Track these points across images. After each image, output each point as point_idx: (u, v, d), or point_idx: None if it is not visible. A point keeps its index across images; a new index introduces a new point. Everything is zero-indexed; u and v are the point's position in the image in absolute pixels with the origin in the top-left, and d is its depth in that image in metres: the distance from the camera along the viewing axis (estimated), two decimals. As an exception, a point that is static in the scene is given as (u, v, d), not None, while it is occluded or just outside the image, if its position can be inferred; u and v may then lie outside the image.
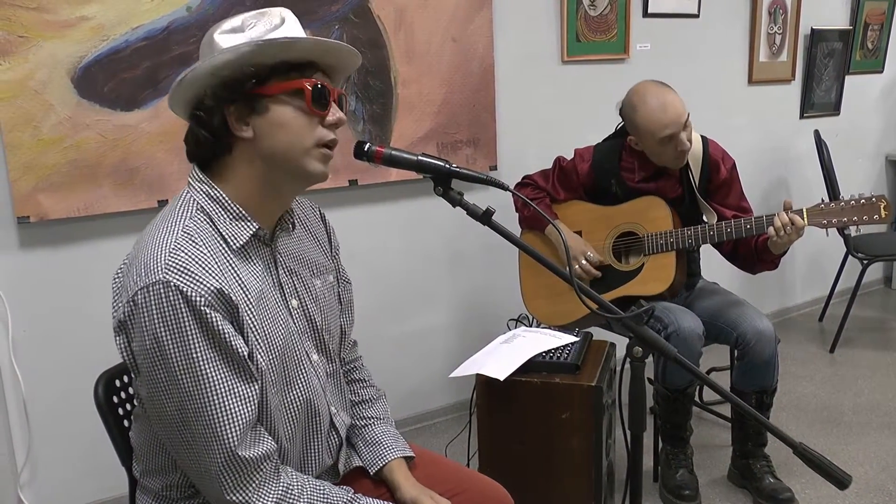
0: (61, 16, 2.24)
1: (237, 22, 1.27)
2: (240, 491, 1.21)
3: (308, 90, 1.24)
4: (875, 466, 2.73)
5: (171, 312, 1.14)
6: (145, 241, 1.22)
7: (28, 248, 2.34)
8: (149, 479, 1.36)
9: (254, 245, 1.31)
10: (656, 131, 2.34)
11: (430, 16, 2.85)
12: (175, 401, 1.18)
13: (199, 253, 1.20)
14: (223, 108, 1.24)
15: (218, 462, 1.19)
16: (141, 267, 1.17)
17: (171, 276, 1.14)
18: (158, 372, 1.17)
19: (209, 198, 1.27)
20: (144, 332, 1.16)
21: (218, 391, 1.18)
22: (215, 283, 1.18)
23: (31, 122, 2.24)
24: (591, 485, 2.02)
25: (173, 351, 1.15)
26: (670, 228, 2.46)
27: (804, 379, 3.53)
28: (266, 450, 1.24)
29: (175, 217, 1.24)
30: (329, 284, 1.49)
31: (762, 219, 2.32)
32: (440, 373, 3.14)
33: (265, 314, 1.28)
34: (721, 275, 2.86)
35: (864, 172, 4.64)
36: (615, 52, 3.35)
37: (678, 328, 2.30)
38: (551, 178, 2.67)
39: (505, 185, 1.34)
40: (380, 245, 2.95)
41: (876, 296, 4.82)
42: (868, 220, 2.23)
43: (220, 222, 1.26)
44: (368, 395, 1.62)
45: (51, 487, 2.48)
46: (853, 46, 4.29)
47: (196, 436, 1.19)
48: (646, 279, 2.49)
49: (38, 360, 2.39)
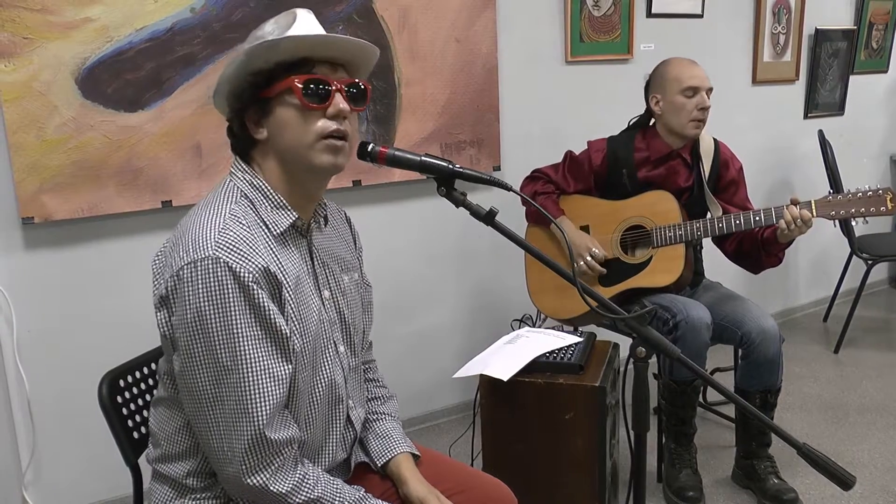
0: (65, 17, 2.24)
1: (260, 30, 1.33)
2: (259, 473, 1.24)
3: (297, 86, 1.27)
4: (880, 467, 2.72)
5: (218, 288, 1.19)
6: (192, 223, 1.26)
7: (32, 249, 2.35)
8: (168, 465, 1.37)
9: (292, 234, 1.36)
10: (684, 78, 2.47)
11: (433, 16, 2.85)
12: (210, 375, 1.21)
13: (248, 234, 1.25)
14: (242, 114, 1.31)
15: (245, 440, 1.22)
16: (189, 244, 1.21)
17: (221, 253, 1.19)
18: (197, 346, 1.20)
19: (252, 186, 1.33)
20: (187, 305, 1.20)
21: (253, 369, 1.22)
22: (262, 261, 1.23)
23: (35, 123, 2.25)
24: (594, 485, 2.02)
25: (215, 325, 1.19)
26: (678, 221, 2.48)
27: (808, 379, 3.52)
28: (291, 435, 1.27)
29: (221, 200, 1.30)
30: (355, 282, 1.53)
31: (770, 210, 2.35)
32: (444, 373, 3.13)
33: (301, 299, 1.33)
34: (724, 275, 2.85)
35: (868, 172, 4.63)
36: (619, 53, 3.35)
37: (686, 316, 2.31)
38: (561, 169, 2.69)
39: (508, 186, 1.34)
40: (383, 245, 2.95)
41: (880, 296, 4.82)
42: (875, 211, 2.28)
43: (262, 209, 1.32)
44: (381, 394, 1.65)
45: (55, 487, 2.48)
46: (858, 46, 4.28)
47: (226, 412, 1.22)
48: (654, 270, 2.51)
49: (42, 360, 2.40)
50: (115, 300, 2.45)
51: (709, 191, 2.55)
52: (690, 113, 2.48)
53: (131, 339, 1.87)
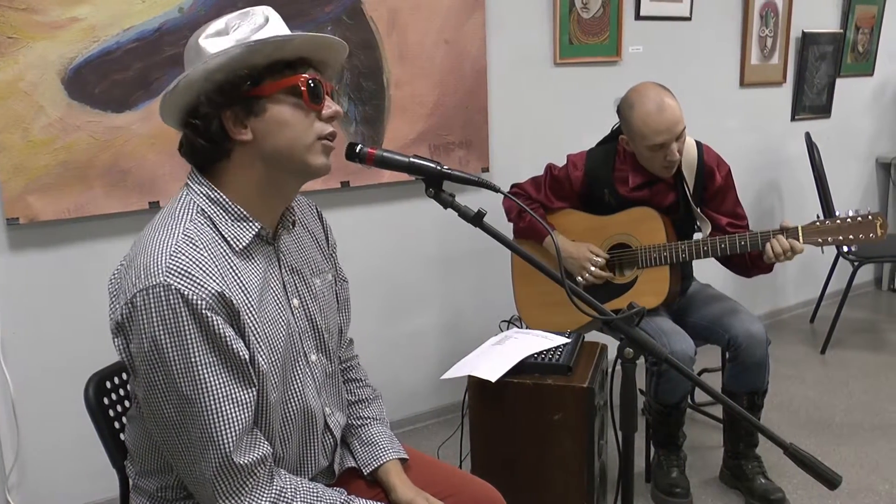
0: (52, 17, 2.23)
1: (220, 25, 1.27)
2: (233, 496, 1.21)
3: (304, 86, 1.25)
4: (865, 467, 2.74)
5: (172, 316, 1.14)
6: (144, 243, 1.21)
7: (18, 250, 2.33)
8: (144, 480, 1.36)
9: (257, 245, 1.31)
10: (649, 136, 2.31)
11: (422, 17, 2.85)
12: (172, 404, 1.17)
13: (200, 256, 1.19)
14: (220, 114, 1.23)
15: (213, 467, 1.19)
16: (140, 269, 1.17)
17: (172, 279, 1.14)
18: (156, 375, 1.16)
19: (209, 200, 1.27)
20: (143, 334, 1.15)
21: (215, 396, 1.17)
22: (216, 286, 1.17)
23: (20, 123, 2.23)
24: (583, 485, 2.02)
25: (172, 355, 1.15)
26: (664, 241, 2.44)
27: (795, 380, 3.54)
28: (261, 454, 1.24)
29: (175, 220, 1.24)
30: (328, 283, 1.49)
31: (756, 236, 2.31)
32: (432, 375, 3.14)
33: (266, 315, 1.28)
34: (714, 276, 2.86)
35: (854, 174, 4.67)
36: (607, 55, 3.36)
37: (671, 352, 2.28)
38: (543, 187, 2.62)
39: (496, 188, 1.33)
40: (372, 247, 2.95)
41: (866, 297, 4.85)
42: (864, 238, 2.22)
43: (222, 224, 1.26)
44: (365, 395, 1.62)
45: (40, 490, 2.46)
46: (844, 49, 4.32)
47: (192, 440, 1.18)
48: (640, 292, 2.47)
49: (27, 362, 2.38)
50: (102, 301, 2.42)
51: (696, 208, 2.49)
52: (660, 163, 2.37)
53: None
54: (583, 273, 2.51)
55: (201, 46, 1.25)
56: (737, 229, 2.48)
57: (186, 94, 1.24)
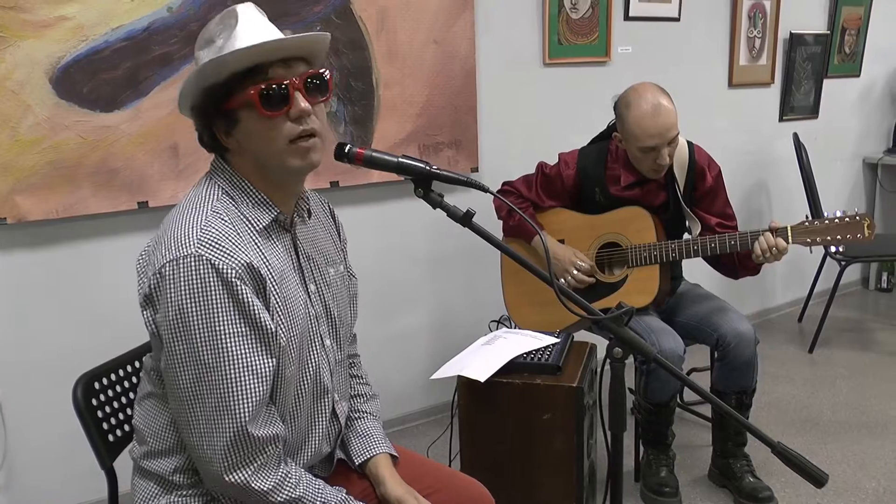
0: (39, 15, 2.22)
1: (207, 33, 1.30)
2: (240, 470, 1.24)
3: (254, 97, 1.24)
4: (852, 465, 2.76)
5: (200, 285, 1.18)
6: (175, 220, 1.26)
7: (5, 250, 2.31)
8: (154, 461, 1.36)
9: (275, 229, 1.36)
10: (641, 137, 2.33)
11: (412, 18, 2.85)
12: (192, 372, 1.21)
13: (229, 230, 1.25)
14: (210, 125, 1.30)
15: (228, 436, 1.21)
16: (171, 241, 1.21)
17: (204, 250, 1.19)
18: (179, 343, 1.20)
19: (231, 184, 1.33)
20: (169, 303, 1.19)
21: (236, 365, 1.21)
22: (245, 257, 1.23)
23: (8, 123, 2.21)
24: (572, 485, 2.03)
25: (197, 323, 1.19)
26: (654, 241, 2.45)
27: (783, 379, 3.56)
28: (275, 432, 1.27)
29: (202, 199, 1.29)
30: (340, 274, 1.53)
31: (746, 235, 2.33)
32: (421, 375, 3.14)
33: (287, 293, 1.32)
34: (703, 276, 2.87)
35: (841, 174, 4.70)
36: (597, 55, 3.37)
37: (661, 351, 2.30)
38: (535, 185, 2.63)
39: (485, 188, 1.34)
40: (361, 246, 2.92)
41: (853, 296, 4.88)
42: (852, 238, 2.24)
43: (244, 206, 1.31)
44: (364, 392, 1.66)
45: (27, 491, 2.45)
46: (831, 51, 4.34)
47: (208, 409, 1.21)
48: (630, 291, 2.48)
49: (14, 363, 2.36)
50: (90, 302, 2.42)
51: (686, 208, 2.51)
52: (650, 165, 2.39)
53: (106, 341, 1.85)
54: (565, 276, 2.52)
55: (197, 58, 1.30)
56: (726, 230, 2.49)
57: (185, 105, 1.31)
